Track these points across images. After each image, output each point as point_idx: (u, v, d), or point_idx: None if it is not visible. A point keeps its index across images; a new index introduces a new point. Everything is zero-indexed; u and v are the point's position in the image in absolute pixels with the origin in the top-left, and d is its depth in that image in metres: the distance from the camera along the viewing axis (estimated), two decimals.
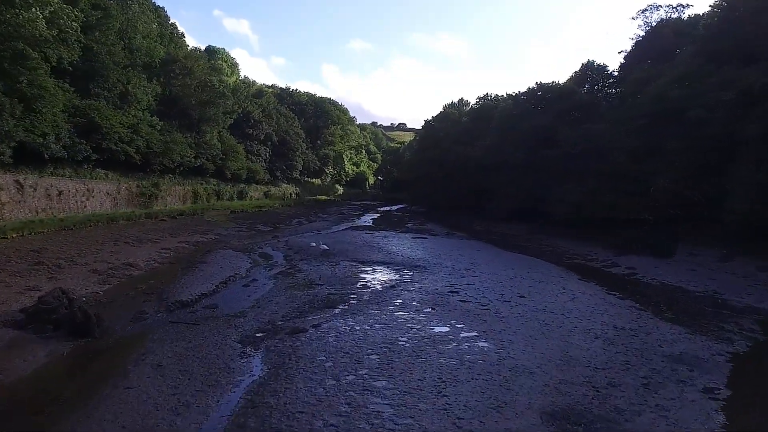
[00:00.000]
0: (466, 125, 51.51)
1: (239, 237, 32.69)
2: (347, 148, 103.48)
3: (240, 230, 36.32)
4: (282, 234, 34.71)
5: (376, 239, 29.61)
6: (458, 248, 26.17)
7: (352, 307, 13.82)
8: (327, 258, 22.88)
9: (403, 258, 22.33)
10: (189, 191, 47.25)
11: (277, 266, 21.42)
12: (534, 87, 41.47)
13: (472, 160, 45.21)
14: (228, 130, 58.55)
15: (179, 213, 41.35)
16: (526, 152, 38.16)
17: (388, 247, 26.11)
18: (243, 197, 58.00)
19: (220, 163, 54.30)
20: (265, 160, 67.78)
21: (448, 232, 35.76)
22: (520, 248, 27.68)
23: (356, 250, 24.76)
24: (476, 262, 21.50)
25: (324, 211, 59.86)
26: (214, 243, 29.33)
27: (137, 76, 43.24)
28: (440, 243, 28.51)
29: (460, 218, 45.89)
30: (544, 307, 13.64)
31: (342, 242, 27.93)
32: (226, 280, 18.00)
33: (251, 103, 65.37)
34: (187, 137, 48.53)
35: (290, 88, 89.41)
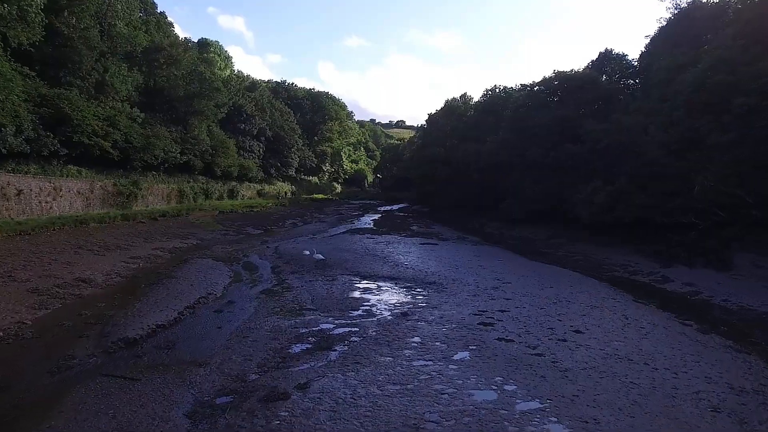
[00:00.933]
0: (474, 119, 47.92)
1: (224, 242, 29.06)
2: (345, 144, 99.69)
3: (226, 234, 32.67)
4: (273, 238, 31.05)
5: (379, 246, 25.99)
6: (476, 257, 22.57)
7: (353, 350, 10.22)
8: (322, 271, 19.25)
9: (413, 271, 18.70)
10: (174, 190, 43.50)
11: (262, 282, 17.77)
12: (551, 76, 37.87)
13: (481, 157, 41.59)
14: (218, 125, 54.81)
15: (161, 214, 37.61)
16: (544, 147, 34.55)
17: (394, 256, 22.49)
18: (234, 196, 54.27)
19: (209, 160, 50.55)
20: (259, 156, 64.00)
21: (459, 236, 32.17)
22: (546, 256, 24.12)
23: (357, 260, 21.13)
24: (503, 276, 17.91)
25: (321, 211, 56.21)
26: (194, 250, 25.72)
27: (116, 65, 39.46)
28: (454, 250, 24.89)
29: (469, 219, 42.31)
30: (615, 351, 10.05)
31: (340, 249, 24.30)
32: (195, 303, 14.34)
33: (243, 96, 61.59)
34: (172, 131, 44.77)
35: (286, 81, 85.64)
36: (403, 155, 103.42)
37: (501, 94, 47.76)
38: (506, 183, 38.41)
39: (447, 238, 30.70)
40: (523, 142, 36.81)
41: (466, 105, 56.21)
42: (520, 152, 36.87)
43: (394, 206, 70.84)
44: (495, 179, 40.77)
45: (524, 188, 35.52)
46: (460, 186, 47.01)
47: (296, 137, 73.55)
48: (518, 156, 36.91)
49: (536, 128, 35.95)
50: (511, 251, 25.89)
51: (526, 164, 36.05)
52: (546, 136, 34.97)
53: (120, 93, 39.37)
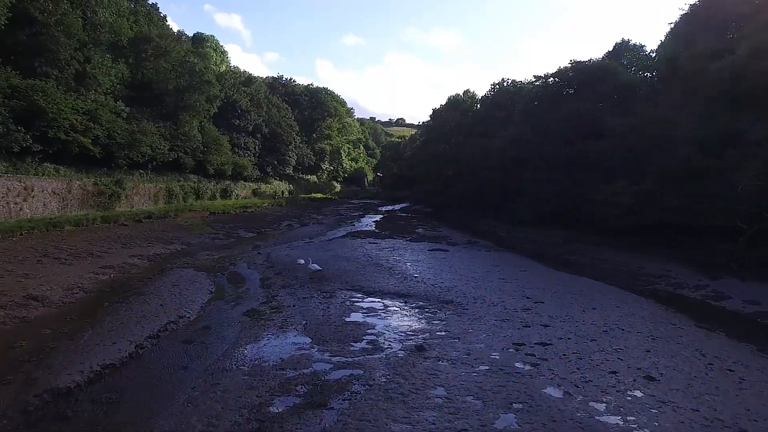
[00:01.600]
0: (481, 114, 45.22)
1: (212, 247, 26.37)
2: (345, 142, 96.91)
3: (215, 238, 29.97)
4: (266, 243, 28.36)
5: (383, 252, 23.30)
6: (495, 267, 19.87)
7: (356, 408, 7.56)
8: (319, 284, 16.57)
9: (426, 286, 16.01)
10: (162, 189, 40.79)
11: (247, 299, 15.10)
12: (566, 67, 35.19)
13: (490, 153, 38.92)
14: (210, 120, 52.08)
15: (147, 215, 34.92)
16: (561, 143, 31.97)
17: (400, 265, 19.80)
18: (228, 196, 51.57)
19: (201, 157, 47.85)
20: (254, 154, 61.30)
21: (469, 240, 29.46)
22: (571, 265, 21.45)
23: (358, 271, 18.43)
24: (531, 292, 15.25)
25: (319, 212, 53.49)
26: (177, 257, 23.05)
27: (99, 55, 36.73)
28: (468, 258, 22.16)
29: (477, 220, 39.61)
30: (715, 413, 7.38)
31: (339, 257, 21.60)
32: (162, 330, 11.68)
33: (238, 90, 58.83)
34: (160, 127, 42.07)
35: (283, 77, 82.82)
36: (404, 153, 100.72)
37: (510, 87, 45.05)
38: (517, 181, 35.77)
39: (456, 243, 28.01)
40: (537, 138, 34.19)
41: (472, 100, 53.49)
42: (532, 148, 34.26)
43: (395, 206, 68.13)
44: (504, 177, 38.11)
45: (537, 187, 32.88)
46: (466, 184, 44.32)
47: (294, 134, 70.85)
48: (531, 152, 34.29)
49: (551, 122, 33.32)
50: (530, 258, 23.19)
51: (540, 161, 33.43)
52: (561, 131, 32.36)
53: (103, 85, 36.69)
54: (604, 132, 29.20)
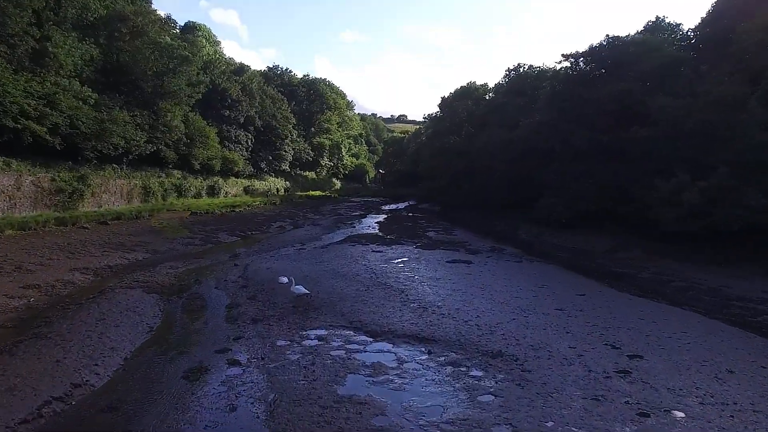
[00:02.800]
0: (497, 102, 40.34)
1: (181, 256, 21.70)
2: (345, 137, 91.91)
3: (190, 243, 25.28)
4: (248, 250, 23.64)
5: (390, 265, 18.52)
6: (538, 285, 15.02)
7: None
8: (303, 318, 11.86)
9: (456, 323, 11.17)
10: (137, 186, 36.09)
11: (197, 346, 10.38)
12: (600, 43, 30.27)
13: (511, 145, 34.08)
14: (197, 111, 47.27)
15: (115, 216, 30.27)
16: (597, 131, 27.15)
17: (415, 285, 14.98)
18: (215, 193, 46.84)
19: (185, 151, 43.12)
20: (246, 148, 56.53)
21: (492, 246, 24.62)
22: (630, 281, 16.63)
23: (359, 296, 13.65)
24: (611, 333, 10.50)
25: (316, 211, 48.73)
26: (132, 270, 18.37)
27: (61, 33, 31.92)
28: (500, 272, 17.24)
29: (494, 221, 34.82)
30: None
31: (335, 273, 16.83)
32: (31, 418, 6.98)
33: (229, 79, 53.99)
34: (136, 116, 37.31)
35: (279, 67, 77.81)
36: (407, 148, 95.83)
37: (531, 71, 40.19)
38: (543, 176, 30.93)
39: (478, 250, 23.18)
40: (566, 125, 29.33)
41: (484, 88, 48.65)
42: (561, 138, 29.41)
43: (399, 204, 63.31)
44: (527, 172, 33.29)
45: (569, 183, 28.04)
46: (480, 180, 39.53)
47: (290, 127, 66.02)
48: (561, 142, 29.44)
49: (585, 107, 28.46)
50: (577, 272, 18.39)
51: (572, 152, 28.60)
52: (598, 117, 27.52)
53: (66, 67, 31.83)
54: (650, 116, 24.39)
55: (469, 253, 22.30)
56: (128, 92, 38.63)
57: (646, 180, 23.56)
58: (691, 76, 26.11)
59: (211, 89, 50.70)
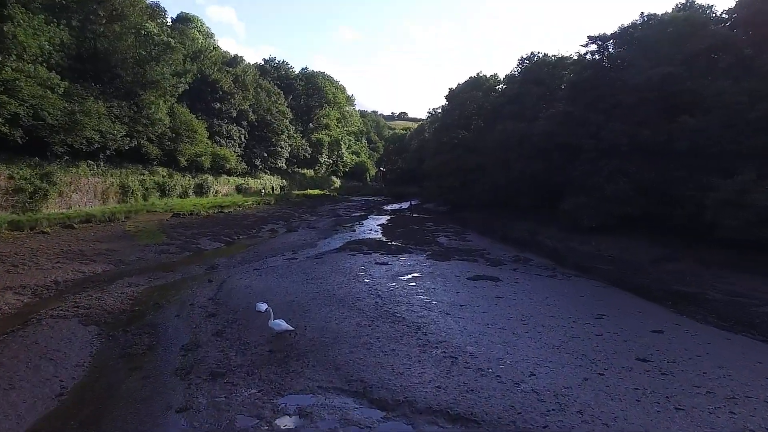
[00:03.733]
0: (511, 92, 36.74)
1: (148, 269, 18.21)
2: (345, 133, 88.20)
3: (165, 251, 21.79)
4: (230, 260, 20.14)
5: (400, 284, 14.95)
6: (594, 315, 11.39)
7: None
8: (281, 373, 8.40)
9: (502, 386, 7.57)
10: (113, 185, 32.57)
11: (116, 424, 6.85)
12: (634, 24, 26.73)
13: (528, 139, 30.54)
14: (185, 103, 43.71)
15: (85, 219, 26.80)
16: (633, 123, 23.66)
17: (434, 316, 11.39)
18: (203, 192, 43.30)
19: (170, 146, 39.58)
20: (239, 144, 52.99)
21: (515, 255, 21.03)
22: (709, 306, 13.08)
23: (361, 334, 10.09)
24: (745, 406, 6.94)
25: (314, 211, 45.20)
26: (83, 288, 14.97)
27: (24, 14, 28.36)
28: (538, 294, 13.52)
29: (511, 224, 31.27)
30: None
31: (329, 297, 13.28)
32: None
33: (220, 70, 50.40)
34: (113, 107, 33.79)
35: (276, 59, 74.14)
36: (409, 145, 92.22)
37: (548, 59, 36.60)
38: (567, 174, 27.41)
39: (500, 260, 19.64)
40: (596, 116, 25.83)
41: (495, 79, 45.09)
42: (590, 131, 25.90)
43: (402, 204, 59.77)
44: (548, 169, 29.78)
45: (599, 181, 24.51)
46: (492, 178, 35.97)
47: (287, 122, 62.47)
48: (589, 136, 25.91)
49: (617, 95, 24.95)
50: (629, 291, 14.86)
51: (603, 147, 25.07)
52: (634, 107, 24.01)
53: (30, 51, 28.24)
54: (701, 104, 20.90)
55: (490, 264, 18.77)
56: (106, 81, 35.13)
57: (697, 178, 20.09)
58: (743, 58, 22.59)
59: (200, 80, 47.18)
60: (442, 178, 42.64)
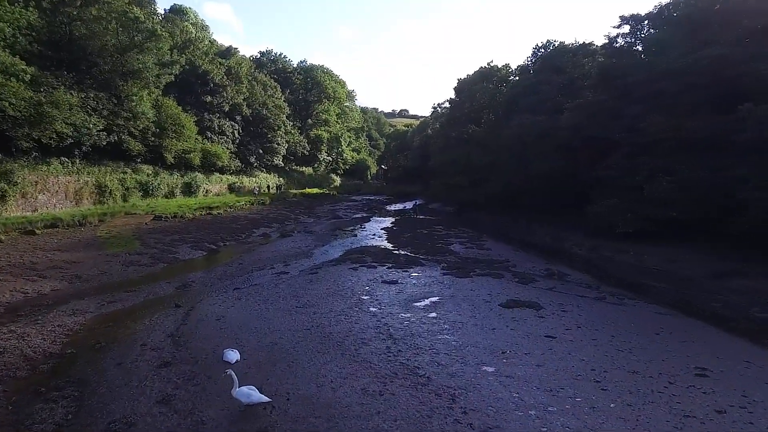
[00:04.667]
0: (527, 82, 33.49)
1: (106, 289, 15.02)
2: (345, 129, 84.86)
3: (135, 263, 18.59)
4: (208, 276, 16.94)
5: (416, 315, 11.63)
6: (692, 369, 8.08)
7: None
8: None
9: None
10: (88, 184, 29.36)
11: None
12: (675, 1, 23.46)
13: (550, 134, 27.36)
14: (173, 96, 40.48)
15: (50, 223, 23.63)
16: (678, 114, 20.47)
17: (472, 375, 8.01)
18: (193, 192, 40.10)
19: (155, 142, 36.38)
20: (233, 140, 49.78)
21: (547, 268, 17.81)
22: None
23: (369, 410, 6.84)
24: None
25: (311, 212, 42.03)
26: (12, 318, 11.72)
27: None
28: (599, 331, 10.11)
29: (529, 228, 28.09)
30: None
31: (323, 338, 10.00)
32: None
33: (212, 61, 47.12)
34: (89, 98, 30.63)
35: (272, 51, 70.74)
36: (412, 142, 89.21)
37: (567, 47, 33.33)
38: (597, 173, 24.19)
39: (530, 275, 16.41)
40: (632, 107, 22.63)
41: (506, 69, 41.78)
42: (626, 123, 22.71)
43: (406, 204, 56.52)
44: (571, 167, 26.62)
45: (639, 181, 21.32)
46: (506, 176, 32.80)
47: (284, 117, 59.24)
48: (624, 129, 22.73)
49: (660, 82, 21.72)
50: (710, 322, 11.64)
51: (642, 142, 21.84)
52: (681, 94, 20.79)
53: None
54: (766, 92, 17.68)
55: (520, 281, 15.57)
56: (81, 70, 31.87)
57: (764, 177, 16.87)
58: None
59: (189, 71, 43.95)
60: (450, 176, 39.46)
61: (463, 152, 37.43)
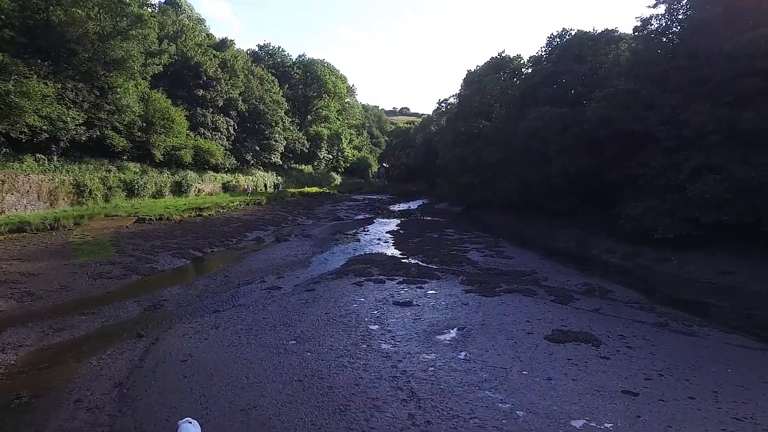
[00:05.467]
0: (545, 72, 30.71)
1: (60, 311, 12.47)
2: (346, 126, 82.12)
3: (104, 275, 16.02)
4: (187, 294, 14.34)
5: (441, 353, 9.03)
6: None
7: None
8: None
9: None
10: (65, 184, 26.76)
11: None
12: None
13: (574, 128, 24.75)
14: (164, 89, 37.77)
15: (16, 227, 21.04)
16: (729, 103, 17.86)
17: None
18: (183, 192, 37.46)
19: (142, 138, 33.74)
20: (227, 137, 47.11)
21: (585, 283, 15.14)
22: None
23: None
24: None
25: (310, 213, 39.44)
26: None
27: None
28: (696, 386, 7.59)
29: (551, 231, 25.49)
30: None
31: (321, 395, 7.39)
32: None
33: (205, 52, 44.45)
34: (66, 89, 28.01)
35: (270, 45, 68.00)
36: (414, 140, 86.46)
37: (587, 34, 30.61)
38: (626, 170, 21.56)
39: (569, 293, 13.80)
40: (671, 96, 20.00)
41: (518, 60, 39.03)
42: (664, 115, 20.07)
43: (410, 203, 53.88)
44: (597, 163, 24.03)
45: (681, 180, 18.70)
46: (522, 175, 30.19)
47: (282, 113, 56.57)
48: (662, 122, 20.08)
49: (704, 68, 19.09)
50: None
51: (684, 136, 19.20)
52: (730, 81, 18.16)
53: None
54: None
55: (556, 299, 12.97)
56: (59, 58, 29.20)
57: None
58: None
59: (181, 63, 41.31)
60: (459, 174, 36.77)
61: (473, 149, 34.77)
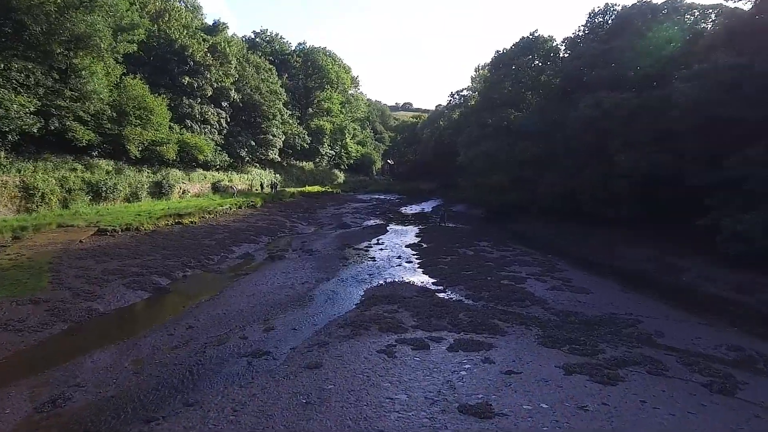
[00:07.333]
0: (595, 52, 25.32)
1: None
2: (350, 120, 76.71)
3: (10, 325, 10.87)
4: (121, 363, 9.21)
5: None
6: None
7: None
8: None
9: None
10: (8, 186, 21.64)
11: None
12: None
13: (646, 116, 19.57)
14: (143, 75, 32.57)
15: None
16: None
17: None
18: (165, 193, 32.30)
19: (114, 130, 28.61)
20: (219, 130, 41.96)
21: (736, 347, 10.29)
22: None
23: None
24: None
25: (311, 217, 34.32)
26: None
27: None
28: None
29: (614, 248, 20.34)
30: None
31: None
32: None
33: (193, 35, 39.22)
34: (10, 68, 22.91)
35: (268, 32, 62.64)
36: (421, 136, 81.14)
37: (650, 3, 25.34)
38: (729, 171, 16.40)
39: (711, 367, 8.70)
40: None
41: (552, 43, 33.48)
42: None
43: (423, 205, 48.61)
44: (677, 161, 18.86)
45: None
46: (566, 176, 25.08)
47: (280, 105, 51.32)
48: None
49: None
50: None
51: None
52: None
53: None
54: None
55: (713, 386, 7.84)
56: (6, 34, 24.05)
57: None
58: None
59: (163, 46, 36.16)
60: (485, 173, 31.61)
61: (503, 144, 29.59)
